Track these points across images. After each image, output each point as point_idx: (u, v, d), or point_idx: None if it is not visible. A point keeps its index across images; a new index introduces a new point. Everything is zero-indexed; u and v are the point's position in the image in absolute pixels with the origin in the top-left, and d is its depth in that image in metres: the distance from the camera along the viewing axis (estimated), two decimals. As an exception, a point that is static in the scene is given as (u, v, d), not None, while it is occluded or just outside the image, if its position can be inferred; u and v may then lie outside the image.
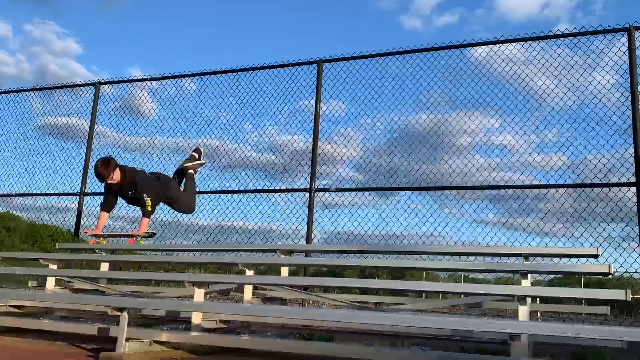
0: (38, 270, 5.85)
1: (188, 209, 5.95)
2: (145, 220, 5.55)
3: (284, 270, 5.24)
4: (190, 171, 5.97)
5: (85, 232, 6.14)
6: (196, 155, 6.01)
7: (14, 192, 8.66)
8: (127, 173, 5.45)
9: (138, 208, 5.63)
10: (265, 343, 4.14)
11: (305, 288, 5.44)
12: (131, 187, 5.50)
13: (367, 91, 6.92)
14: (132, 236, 5.73)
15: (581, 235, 5.64)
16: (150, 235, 5.74)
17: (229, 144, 7.63)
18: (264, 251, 5.63)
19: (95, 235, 5.86)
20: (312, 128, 6.91)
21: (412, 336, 4.66)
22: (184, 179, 5.99)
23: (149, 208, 5.48)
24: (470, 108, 6.41)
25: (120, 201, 5.83)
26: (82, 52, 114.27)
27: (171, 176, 5.90)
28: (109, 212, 5.82)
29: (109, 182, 5.41)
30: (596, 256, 4.40)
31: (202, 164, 6.06)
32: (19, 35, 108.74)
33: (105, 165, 5.32)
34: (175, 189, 5.81)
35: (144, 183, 5.49)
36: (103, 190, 5.78)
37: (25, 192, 8.57)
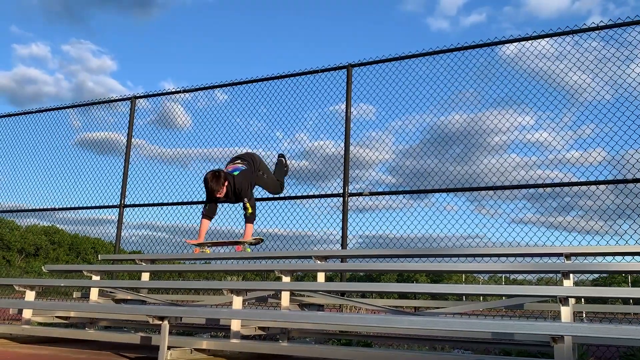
0: (82, 281, 6.02)
1: (274, 188, 6.23)
2: (250, 226, 5.58)
3: (321, 276, 5.24)
4: (281, 159, 6.41)
5: (189, 242, 6.05)
6: (283, 160, 6.45)
7: (57, 207, 8.94)
8: (230, 182, 5.52)
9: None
10: (304, 349, 4.15)
11: (342, 293, 5.42)
12: (233, 194, 5.59)
13: (398, 93, 6.88)
14: (239, 243, 5.69)
15: (625, 232, 5.46)
16: (258, 241, 5.70)
17: (261, 152, 7.69)
18: (300, 257, 5.65)
19: (199, 245, 5.84)
20: (344, 132, 6.91)
21: (452, 339, 4.60)
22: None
23: (250, 211, 5.55)
24: (504, 106, 6.30)
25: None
26: (116, 69, 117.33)
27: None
28: (210, 220, 5.84)
29: (218, 196, 5.52)
30: (642, 254, 4.26)
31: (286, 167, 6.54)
32: (57, 55, 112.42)
33: (217, 181, 5.45)
34: (264, 166, 6.02)
35: (243, 188, 5.54)
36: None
37: (68, 206, 8.83)
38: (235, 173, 5.57)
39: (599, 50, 5.94)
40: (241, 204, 5.67)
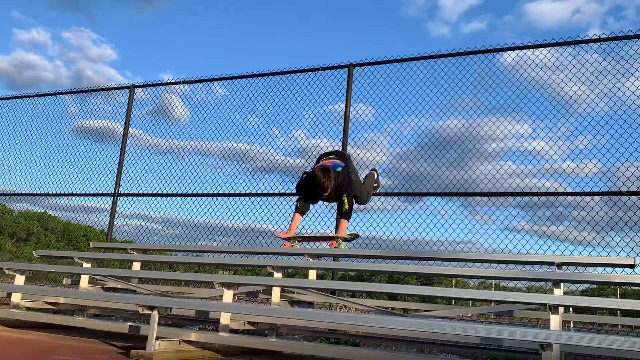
0: (72, 268, 6.00)
1: (361, 196, 5.65)
2: (344, 222, 5.32)
3: (312, 274, 5.24)
4: (374, 172, 6.03)
5: (278, 236, 5.72)
6: (375, 174, 6.09)
7: (50, 192, 8.90)
8: (335, 178, 5.23)
9: None
10: (293, 346, 4.16)
11: (332, 292, 5.43)
12: (335, 191, 5.31)
13: (398, 95, 6.89)
14: (332, 239, 5.43)
15: (617, 244, 5.49)
16: (354, 237, 5.43)
17: (257, 148, 7.69)
18: (292, 254, 5.65)
19: (289, 239, 5.60)
20: (342, 132, 6.91)
21: (440, 343, 4.60)
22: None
23: (347, 207, 5.29)
24: (503, 113, 6.32)
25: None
26: (116, 58, 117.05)
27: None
28: (303, 215, 5.58)
29: (325, 194, 5.25)
30: (632, 266, 4.28)
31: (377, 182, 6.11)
32: (58, 42, 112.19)
33: (327, 177, 5.14)
34: (354, 168, 5.63)
35: (344, 184, 5.27)
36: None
37: (61, 193, 8.79)
38: (338, 169, 5.29)
39: (600, 62, 5.97)
40: (340, 200, 5.37)
